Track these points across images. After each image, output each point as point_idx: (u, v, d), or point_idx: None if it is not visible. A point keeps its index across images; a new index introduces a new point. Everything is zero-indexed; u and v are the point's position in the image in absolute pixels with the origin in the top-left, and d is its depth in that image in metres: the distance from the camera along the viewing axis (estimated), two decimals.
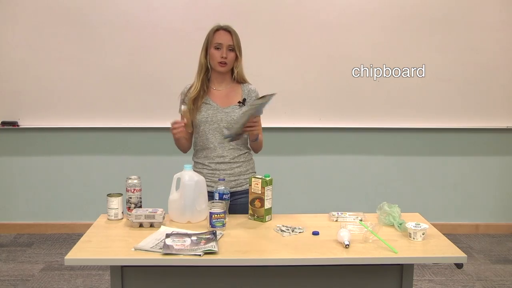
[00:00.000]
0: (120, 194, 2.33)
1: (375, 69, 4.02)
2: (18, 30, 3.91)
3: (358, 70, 4.01)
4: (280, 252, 1.97)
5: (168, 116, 4.01)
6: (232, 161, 2.51)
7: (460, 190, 4.32)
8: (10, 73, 3.97)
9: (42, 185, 4.22)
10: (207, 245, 1.95)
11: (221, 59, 2.44)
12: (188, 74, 4.02)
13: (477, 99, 4.09)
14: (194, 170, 2.44)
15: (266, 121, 4.01)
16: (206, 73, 2.51)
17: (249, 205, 2.33)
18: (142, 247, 1.97)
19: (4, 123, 4.02)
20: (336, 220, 2.32)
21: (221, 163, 2.49)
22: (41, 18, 3.89)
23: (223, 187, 2.34)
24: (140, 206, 2.36)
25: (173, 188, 2.32)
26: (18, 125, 4.03)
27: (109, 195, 2.32)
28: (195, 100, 2.48)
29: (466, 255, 1.95)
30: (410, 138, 4.22)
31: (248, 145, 2.60)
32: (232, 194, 2.46)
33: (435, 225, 2.28)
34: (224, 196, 2.33)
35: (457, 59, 4.02)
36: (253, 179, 2.30)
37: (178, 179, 2.30)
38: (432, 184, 4.30)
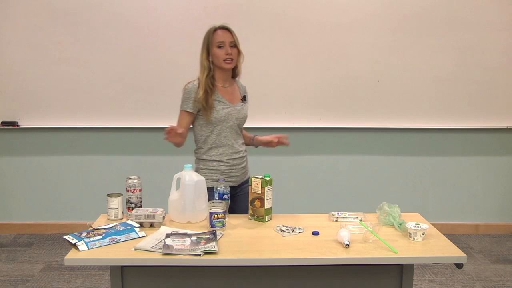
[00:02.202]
0: (120, 194, 2.34)
1: (375, 69, 4.02)
2: (18, 30, 3.91)
3: (358, 70, 4.01)
4: (280, 252, 1.97)
5: (167, 116, 4.03)
6: (243, 155, 2.63)
7: (460, 190, 4.32)
8: (10, 73, 3.97)
9: (42, 185, 4.22)
10: (207, 245, 1.95)
11: (226, 56, 2.47)
12: (187, 74, 4.03)
13: (477, 99, 4.09)
14: (206, 169, 2.52)
15: (266, 121, 4.04)
16: (209, 73, 2.51)
17: (249, 205, 2.34)
18: (142, 247, 1.97)
19: (4, 123, 4.02)
20: (336, 220, 2.32)
21: (237, 158, 2.58)
22: (41, 18, 3.89)
23: (223, 187, 2.34)
24: (140, 206, 2.37)
25: (173, 188, 2.32)
26: (18, 125, 4.03)
27: (109, 195, 2.32)
28: (206, 100, 2.48)
29: (466, 255, 1.95)
30: (410, 138, 4.22)
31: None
32: (240, 185, 2.59)
33: (435, 225, 2.28)
34: (224, 196, 2.33)
35: (457, 59, 4.02)
36: (253, 179, 2.31)
37: (178, 179, 2.30)
38: (432, 184, 4.30)
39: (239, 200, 2.58)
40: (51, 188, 4.23)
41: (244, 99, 2.63)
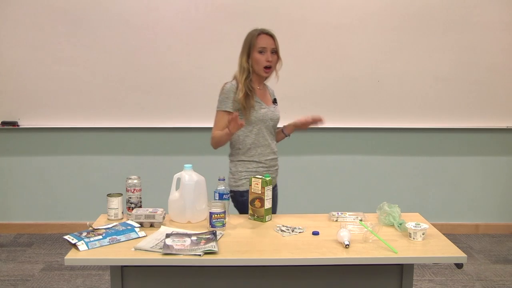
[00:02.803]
0: (120, 194, 2.34)
1: (375, 69, 4.02)
2: (18, 30, 3.91)
3: (358, 70, 4.01)
4: (280, 252, 1.97)
5: (167, 116, 4.05)
6: (277, 156, 2.65)
7: (460, 190, 4.32)
8: (10, 73, 3.97)
9: (43, 185, 4.22)
10: (207, 245, 1.95)
11: (266, 63, 2.50)
12: (187, 74, 4.05)
13: (477, 99, 4.09)
14: (245, 171, 2.51)
15: None
16: (248, 76, 2.52)
17: (249, 205, 2.34)
18: (142, 247, 1.97)
19: (4, 123, 4.02)
20: (336, 220, 2.32)
21: (273, 159, 2.62)
22: (41, 18, 3.89)
23: (223, 187, 2.34)
24: (140, 206, 2.37)
25: (173, 188, 2.32)
26: (18, 125, 4.03)
27: (109, 195, 2.32)
28: (247, 100, 2.48)
29: (466, 255, 1.95)
30: (410, 138, 4.23)
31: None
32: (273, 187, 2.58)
33: (435, 225, 2.28)
34: (224, 196, 2.33)
35: (457, 59, 4.02)
36: (253, 179, 2.31)
37: (178, 179, 2.30)
38: (432, 184, 4.30)
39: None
40: (51, 188, 4.23)
41: (275, 101, 2.69)
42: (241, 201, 2.50)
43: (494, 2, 3.96)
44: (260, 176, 2.30)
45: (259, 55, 2.50)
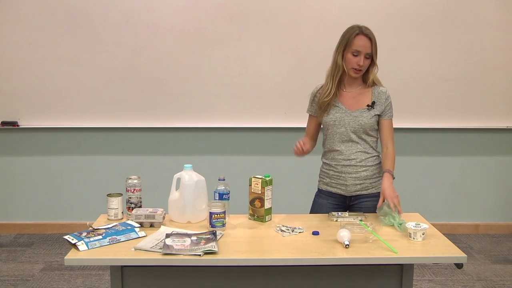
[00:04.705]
0: (120, 194, 2.34)
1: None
2: (18, 30, 3.91)
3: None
4: (280, 252, 1.97)
5: (167, 116, 4.05)
6: (358, 164, 2.45)
7: (460, 190, 4.32)
8: (10, 73, 3.97)
9: (42, 185, 4.22)
10: (207, 245, 1.95)
11: (357, 66, 2.40)
12: (188, 74, 4.06)
13: (477, 99, 4.09)
14: (321, 170, 2.56)
15: (266, 121, 4.04)
16: (338, 74, 2.46)
17: (249, 205, 2.34)
18: (142, 247, 1.97)
19: (4, 123, 4.02)
20: (336, 220, 2.32)
21: (347, 165, 2.44)
22: (41, 18, 3.89)
23: (223, 187, 2.34)
24: (140, 206, 2.37)
25: (173, 188, 2.32)
26: (18, 125, 4.03)
27: (109, 195, 2.32)
28: (323, 101, 2.45)
29: (466, 255, 1.95)
30: (410, 138, 4.22)
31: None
32: (356, 197, 2.46)
33: (435, 225, 2.28)
34: (224, 196, 2.33)
35: (457, 59, 4.02)
36: (253, 179, 2.31)
37: (178, 179, 2.30)
38: (432, 184, 4.30)
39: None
40: (51, 188, 4.23)
41: (371, 106, 2.45)
42: (314, 198, 2.59)
43: (494, 2, 3.95)
44: (260, 176, 2.30)
45: (351, 56, 2.39)
